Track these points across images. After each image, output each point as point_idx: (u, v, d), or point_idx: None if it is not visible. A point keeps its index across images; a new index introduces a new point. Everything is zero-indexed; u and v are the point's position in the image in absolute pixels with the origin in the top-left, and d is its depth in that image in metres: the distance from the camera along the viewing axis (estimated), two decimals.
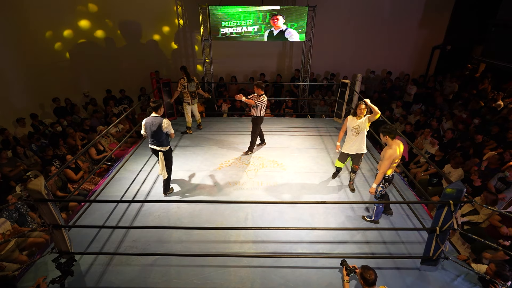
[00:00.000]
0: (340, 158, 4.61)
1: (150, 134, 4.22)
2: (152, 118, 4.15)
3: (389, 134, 3.46)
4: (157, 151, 4.29)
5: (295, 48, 9.59)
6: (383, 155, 3.52)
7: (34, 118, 6.86)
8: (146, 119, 4.21)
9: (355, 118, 4.27)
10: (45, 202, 2.94)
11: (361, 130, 4.23)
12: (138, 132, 7.19)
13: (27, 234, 4.02)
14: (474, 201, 3.06)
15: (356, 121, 4.26)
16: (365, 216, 4.09)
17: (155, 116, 4.15)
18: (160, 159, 4.30)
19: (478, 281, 3.17)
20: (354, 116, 4.29)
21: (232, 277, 3.24)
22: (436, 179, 5.32)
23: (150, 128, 4.18)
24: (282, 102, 8.89)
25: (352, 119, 4.32)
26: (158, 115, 4.17)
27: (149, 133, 4.23)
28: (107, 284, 3.16)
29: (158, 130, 4.12)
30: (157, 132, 4.13)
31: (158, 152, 4.28)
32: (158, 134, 4.15)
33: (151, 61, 9.41)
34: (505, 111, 6.82)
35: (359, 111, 4.19)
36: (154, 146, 4.28)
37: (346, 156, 4.52)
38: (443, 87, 8.87)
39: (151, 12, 8.88)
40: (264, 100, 5.24)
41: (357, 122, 4.24)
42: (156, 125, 4.11)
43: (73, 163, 5.37)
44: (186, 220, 4.06)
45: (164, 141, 4.24)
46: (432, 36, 9.65)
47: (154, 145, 4.27)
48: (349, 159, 4.56)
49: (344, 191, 4.72)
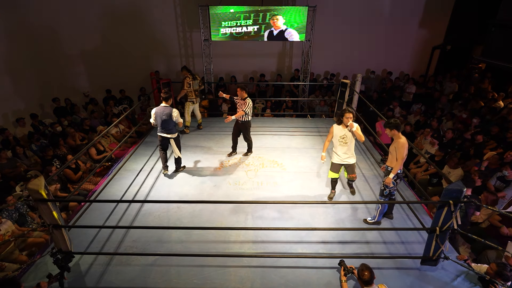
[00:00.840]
0: (333, 169, 4.26)
1: (160, 123, 4.60)
2: (163, 108, 4.53)
3: (396, 128, 3.48)
4: (167, 138, 4.71)
5: (295, 48, 9.59)
6: (396, 146, 3.51)
7: (34, 118, 6.86)
8: (156, 109, 4.57)
9: (341, 126, 3.98)
10: (45, 202, 2.94)
11: (349, 140, 3.99)
12: (138, 132, 7.24)
13: (27, 234, 4.02)
14: (474, 201, 3.06)
15: (343, 130, 3.97)
16: (367, 219, 4.02)
17: (165, 106, 4.53)
18: (172, 145, 4.79)
19: (478, 281, 3.16)
20: (339, 125, 4.00)
21: (232, 277, 3.24)
22: (436, 179, 5.32)
23: (160, 117, 4.56)
24: (282, 102, 8.89)
25: (337, 128, 4.02)
26: (168, 105, 4.54)
27: (159, 122, 4.61)
28: (107, 284, 3.16)
29: (169, 119, 4.53)
30: (167, 120, 4.55)
31: (168, 139, 4.71)
32: (168, 123, 4.58)
33: (151, 61, 9.41)
34: (505, 111, 6.82)
35: (345, 120, 3.89)
36: (164, 134, 4.68)
37: (338, 166, 4.21)
38: (443, 87, 8.87)
39: (151, 12, 8.88)
40: (250, 105, 5.08)
41: (344, 131, 3.97)
42: (167, 114, 4.51)
43: (73, 163, 5.38)
44: (186, 220, 4.06)
45: (173, 129, 4.69)
46: (432, 36, 9.65)
47: (164, 133, 4.68)
48: (342, 168, 4.27)
49: (344, 191, 4.72)
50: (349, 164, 4.17)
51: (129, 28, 8.97)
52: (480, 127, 6.37)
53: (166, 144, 4.85)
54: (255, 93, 9.43)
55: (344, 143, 4.02)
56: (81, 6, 8.37)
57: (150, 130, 6.82)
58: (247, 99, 5.09)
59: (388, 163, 3.70)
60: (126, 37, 9.10)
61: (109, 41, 9.04)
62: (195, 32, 9.09)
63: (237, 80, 9.52)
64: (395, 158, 3.57)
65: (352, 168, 4.20)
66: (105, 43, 9.03)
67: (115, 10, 8.70)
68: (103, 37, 8.93)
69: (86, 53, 8.78)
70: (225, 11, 7.58)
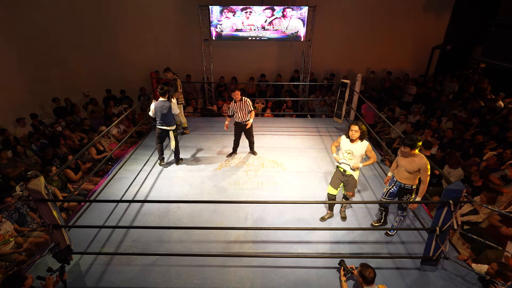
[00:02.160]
0: (332, 183, 3.88)
1: (159, 116, 4.86)
2: (161, 102, 4.79)
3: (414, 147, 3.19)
4: (167, 131, 4.98)
5: (295, 48, 9.59)
6: (419, 166, 3.24)
7: (34, 118, 6.86)
8: (156, 103, 4.82)
9: (348, 140, 3.65)
10: (45, 202, 2.94)
11: (355, 156, 3.62)
12: (138, 132, 7.24)
13: (27, 234, 4.02)
14: (474, 201, 3.06)
15: (349, 144, 3.62)
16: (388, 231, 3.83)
17: (163, 100, 4.79)
18: (171, 136, 5.03)
19: (478, 281, 3.17)
20: (347, 138, 3.66)
21: (232, 277, 3.24)
22: (436, 179, 5.32)
23: (160, 111, 4.82)
24: (282, 102, 8.89)
25: (345, 140, 3.69)
26: (166, 99, 4.80)
27: (158, 115, 4.87)
28: (107, 284, 3.16)
29: (168, 112, 4.81)
30: (167, 114, 4.83)
31: (168, 131, 4.98)
32: (168, 116, 4.86)
33: (151, 61, 9.40)
34: (505, 111, 6.82)
35: (351, 133, 3.56)
36: (164, 126, 4.94)
37: (338, 181, 3.83)
38: (443, 87, 8.87)
39: (151, 12, 8.88)
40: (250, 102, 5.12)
41: (351, 146, 3.62)
42: (166, 108, 4.79)
43: (73, 163, 5.38)
44: (186, 220, 4.06)
45: (172, 121, 4.98)
46: (432, 36, 9.64)
47: (163, 126, 4.94)
48: (341, 185, 3.88)
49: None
50: (351, 177, 3.75)
51: (129, 28, 8.97)
52: (480, 127, 6.37)
53: (165, 136, 5.08)
54: (255, 93, 9.43)
55: (349, 158, 3.68)
56: (80, 5, 8.36)
57: (150, 130, 6.83)
58: (244, 98, 5.09)
59: (405, 180, 3.41)
60: (126, 37, 9.10)
61: (109, 41, 9.03)
62: (195, 32, 9.08)
63: (237, 80, 9.51)
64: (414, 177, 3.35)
65: (352, 184, 3.78)
66: (105, 43, 9.02)
67: (115, 10, 8.69)
68: (103, 37, 8.92)
69: (86, 53, 8.77)
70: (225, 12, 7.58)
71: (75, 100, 8.11)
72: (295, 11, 7.72)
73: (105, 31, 8.85)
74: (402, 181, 3.46)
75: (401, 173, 3.44)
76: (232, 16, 7.79)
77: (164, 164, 5.36)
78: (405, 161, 3.35)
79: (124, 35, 9.07)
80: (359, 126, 3.51)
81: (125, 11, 8.75)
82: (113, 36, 9.01)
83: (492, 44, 7.62)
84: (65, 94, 8.05)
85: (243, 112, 5.16)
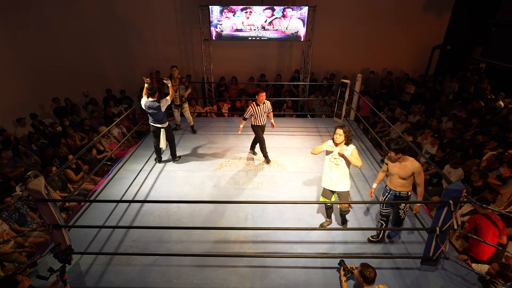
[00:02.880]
0: (324, 194, 3.70)
1: (150, 114, 4.94)
2: (151, 102, 4.84)
3: (402, 152, 3.14)
4: (159, 128, 5.03)
5: (295, 48, 9.59)
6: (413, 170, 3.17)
7: (34, 118, 6.86)
8: (145, 102, 4.87)
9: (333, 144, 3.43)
10: (45, 202, 2.94)
11: (342, 162, 3.41)
12: (138, 132, 7.24)
13: (27, 234, 4.02)
14: (474, 201, 3.06)
15: (335, 148, 3.40)
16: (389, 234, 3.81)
17: (152, 100, 4.83)
18: (162, 134, 5.07)
19: (478, 281, 3.17)
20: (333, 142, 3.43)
21: (232, 277, 3.24)
22: (436, 179, 5.32)
23: (150, 111, 4.88)
24: (282, 102, 8.89)
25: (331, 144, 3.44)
26: (155, 99, 4.83)
27: (150, 114, 4.94)
28: (107, 284, 3.16)
29: (159, 111, 4.86)
30: (158, 113, 4.88)
31: (160, 129, 5.03)
32: (159, 114, 4.91)
33: (151, 61, 9.40)
34: (505, 111, 6.82)
35: (335, 136, 3.37)
36: (156, 124, 5.00)
37: (330, 193, 3.65)
38: (443, 87, 8.87)
39: (151, 12, 8.88)
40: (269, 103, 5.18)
41: (336, 150, 3.39)
42: (156, 107, 4.84)
43: (73, 163, 5.38)
44: (186, 220, 4.06)
45: (164, 118, 5.02)
46: (432, 36, 9.64)
47: (156, 123, 4.99)
48: (334, 195, 3.68)
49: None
50: (341, 193, 3.55)
51: (130, 28, 8.97)
52: (480, 127, 6.37)
53: (158, 133, 5.12)
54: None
55: (335, 164, 3.43)
56: (81, 6, 8.37)
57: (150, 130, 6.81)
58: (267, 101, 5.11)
59: (400, 188, 3.32)
60: (126, 37, 9.10)
61: (109, 41, 9.04)
62: (195, 32, 9.09)
63: (237, 80, 9.51)
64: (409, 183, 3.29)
65: (345, 197, 3.55)
66: (105, 42, 9.03)
67: (115, 10, 8.70)
68: (103, 36, 8.92)
69: (86, 52, 8.77)
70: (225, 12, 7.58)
71: (75, 100, 8.11)
72: (295, 11, 7.73)
73: (105, 31, 8.86)
74: (396, 189, 3.37)
75: (395, 181, 3.33)
76: (232, 16, 7.79)
77: (161, 162, 5.43)
78: (397, 167, 3.26)
79: (124, 35, 9.07)
80: (343, 130, 3.34)
81: (126, 11, 8.75)
82: (113, 36, 9.01)
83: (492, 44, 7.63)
84: (65, 94, 8.05)
85: (265, 115, 5.14)
